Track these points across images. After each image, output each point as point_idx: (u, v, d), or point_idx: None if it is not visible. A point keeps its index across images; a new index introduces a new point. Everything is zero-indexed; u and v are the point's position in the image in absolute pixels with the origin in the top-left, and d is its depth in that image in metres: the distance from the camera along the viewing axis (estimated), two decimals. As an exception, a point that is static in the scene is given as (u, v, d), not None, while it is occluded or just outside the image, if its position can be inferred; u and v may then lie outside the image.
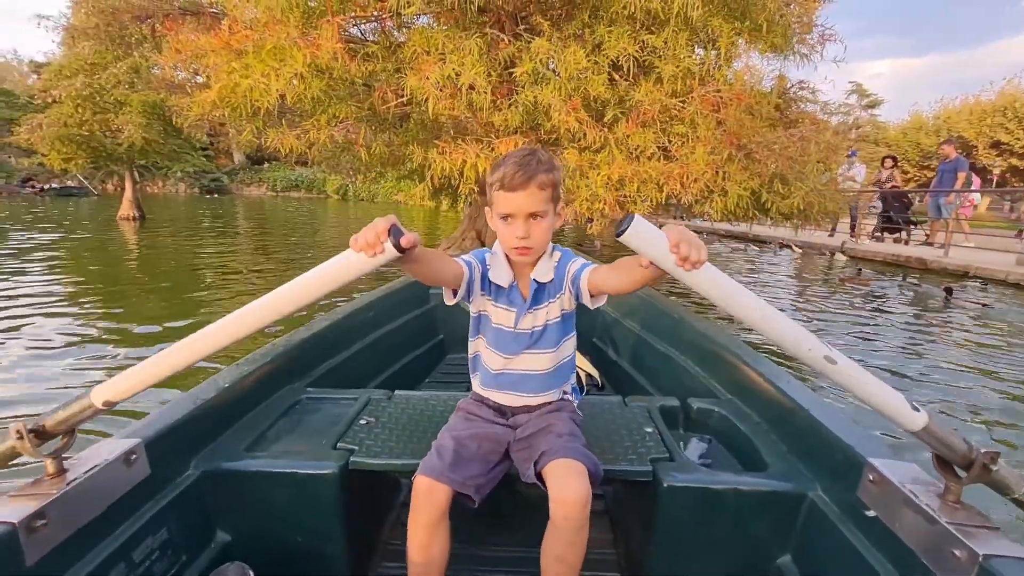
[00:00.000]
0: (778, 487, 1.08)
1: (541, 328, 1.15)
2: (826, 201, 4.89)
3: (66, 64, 11.59)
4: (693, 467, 1.15)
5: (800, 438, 1.18)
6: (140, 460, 0.98)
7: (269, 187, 35.76)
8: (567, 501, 0.95)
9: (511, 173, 1.01)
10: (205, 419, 1.18)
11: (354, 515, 1.21)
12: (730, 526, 1.11)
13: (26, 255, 7.75)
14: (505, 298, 1.15)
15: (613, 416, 1.37)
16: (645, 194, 4.64)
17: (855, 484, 0.96)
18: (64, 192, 27.07)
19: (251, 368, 1.38)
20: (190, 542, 1.09)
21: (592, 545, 1.07)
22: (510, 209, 1.03)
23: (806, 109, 6.69)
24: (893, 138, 27.85)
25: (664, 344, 1.98)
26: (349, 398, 1.45)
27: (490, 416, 1.19)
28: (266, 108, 3.59)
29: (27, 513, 0.75)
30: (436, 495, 1.00)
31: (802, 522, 1.07)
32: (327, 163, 6.36)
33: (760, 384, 1.38)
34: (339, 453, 1.15)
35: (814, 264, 9.66)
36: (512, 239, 1.05)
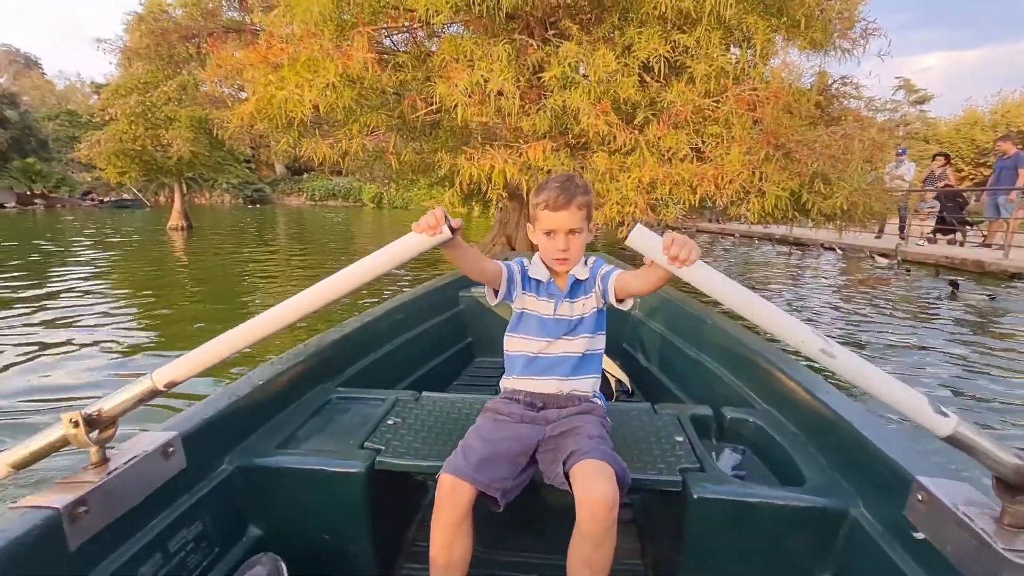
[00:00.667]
0: (817, 502, 1.03)
1: (578, 318, 1.28)
2: (872, 201, 4.65)
3: (122, 84, 12.29)
4: (725, 478, 1.11)
5: (841, 451, 1.13)
6: (177, 453, 1.00)
7: (308, 196, 36.95)
8: (593, 502, 0.95)
9: (555, 196, 1.17)
10: (239, 416, 1.21)
11: (380, 515, 1.21)
12: (765, 542, 1.06)
13: (87, 261, 8.34)
14: (544, 291, 1.29)
15: (642, 423, 1.34)
16: (678, 196, 4.52)
17: (901, 503, 0.90)
18: (120, 204, 28.74)
19: (284, 367, 1.41)
20: (223, 535, 1.11)
21: (619, 555, 1.06)
22: (553, 226, 1.20)
23: (849, 106, 6.40)
24: (945, 135, 26.50)
25: (696, 350, 1.93)
26: (378, 398, 1.47)
27: (519, 412, 1.22)
28: (300, 118, 3.70)
29: (70, 500, 0.78)
30: (459, 494, 1.01)
31: (843, 541, 1.01)
32: (361, 172, 6.51)
33: (798, 394, 1.32)
34: (366, 453, 1.17)
35: (856, 267, 9.22)
36: (554, 251, 1.22)
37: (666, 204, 4.66)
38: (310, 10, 3.74)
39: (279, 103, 3.67)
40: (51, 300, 5.30)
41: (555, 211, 1.18)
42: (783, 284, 7.40)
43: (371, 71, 3.62)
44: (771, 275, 8.35)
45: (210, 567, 1.06)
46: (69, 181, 29.31)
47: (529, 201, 1.25)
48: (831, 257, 10.62)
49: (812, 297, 6.29)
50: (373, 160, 5.79)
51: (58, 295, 5.54)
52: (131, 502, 0.90)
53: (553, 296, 1.29)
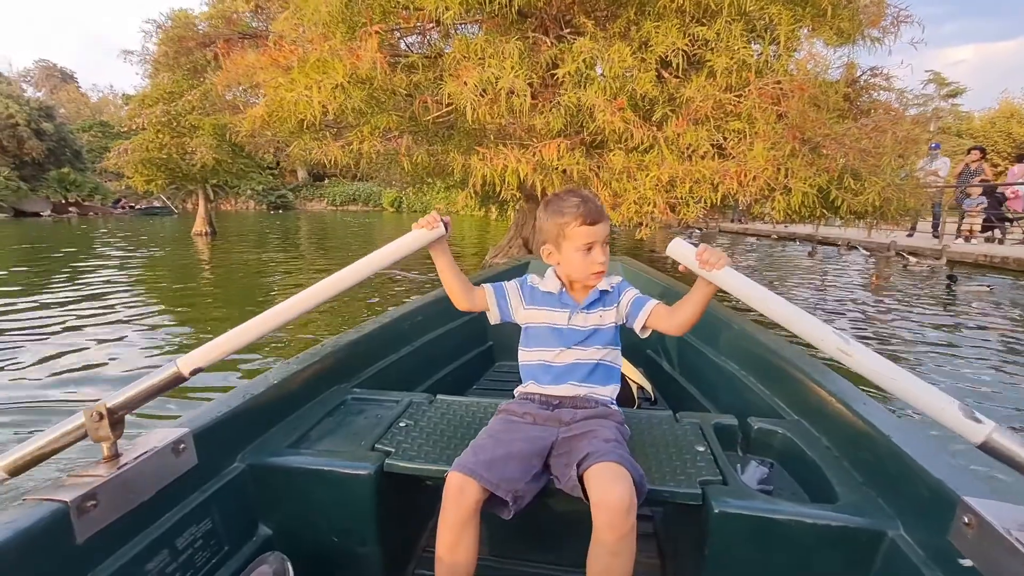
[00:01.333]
0: (851, 522, 0.95)
1: (591, 329, 1.26)
2: (906, 197, 4.40)
3: (148, 94, 12.61)
4: (749, 493, 1.04)
5: (879, 468, 1.04)
6: (188, 450, 1.00)
7: (329, 201, 37.49)
8: (610, 506, 0.92)
9: (591, 209, 1.18)
10: (253, 414, 1.21)
11: (389, 518, 1.20)
12: (792, 563, 0.98)
13: (116, 264, 8.61)
14: (557, 302, 1.28)
15: (663, 432, 1.28)
16: (698, 194, 4.36)
17: (946, 526, 0.82)
18: (150, 211, 29.57)
19: (299, 367, 1.40)
20: (232, 533, 1.10)
21: (638, 569, 1.04)
22: (593, 238, 1.19)
23: (879, 98, 6.12)
24: (979, 129, 25.52)
25: (722, 358, 1.84)
26: (392, 400, 1.45)
27: (533, 413, 1.20)
28: (310, 120, 3.66)
29: (79, 493, 0.78)
30: (467, 493, 0.98)
31: (880, 565, 0.93)
32: (378, 176, 6.50)
33: (832, 405, 1.23)
34: (376, 455, 1.15)
35: (886, 268, 8.85)
36: (594, 266, 1.20)
37: (686, 203, 4.50)
38: (319, 10, 3.71)
39: (288, 105, 3.64)
40: (77, 302, 5.58)
41: (594, 224, 1.18)
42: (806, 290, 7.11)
43: (380, 70, 3.56)
44: (783, 276, 8.06)
45: (219, 565, 1.05)
46: (102, 189, 30.29)
47: (544, 224, 1.24)
48: (856, 257, 10.23)
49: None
50: (388, 164, 5.76)
51: (83, 296, 5.81)
52: (140, 497, 0.90)
53: (567, 307, 1.27)
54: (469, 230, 18.13)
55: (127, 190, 25.19)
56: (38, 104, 29.82)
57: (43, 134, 28.30)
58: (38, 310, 5.19)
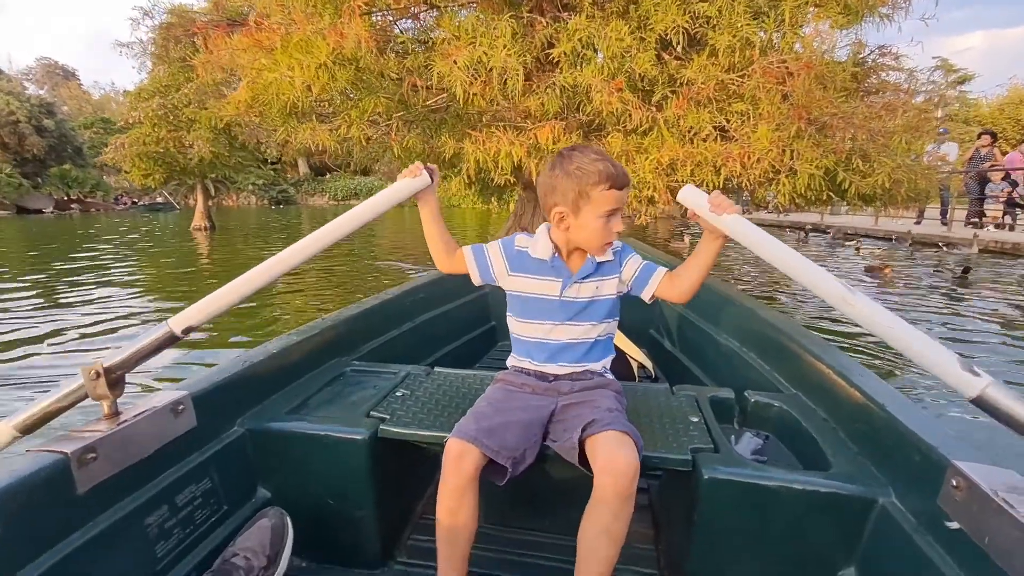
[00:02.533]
0: (842, 489, 0.96)
1: (587, 300, 1.19)
2: (917, 178, 4.22)
3: (144, 87, 12.51)
4: (740, 460, 1.05)
5: (873, 437, 1.06)
6: (187, 412, 1.04)
7: (330, 196, 37.36)
8: (618, 471, 0.93)
9: (619, 172, 1.08)
10: (252, 382, 1.24)
11: (385, 484, 1.22)
12: (783, 530, 0.99)
13: (115, 258, 8.71)
14: (548, 270, 1.19)
15: (658, 404, 1.29)
16: (700, 178, 4.19)
17: (936, 490, 0.84)
18: (152, 207, 29.57)
19: (299, 339, 1.43)
20: (232, 494, 1.14)
21: (632, 539, 1.09)
22: (618, 203, 1.10)
23: (887, 79, 5.90)
24: (987, 115, 25.15)
25: (724, 335, 1.85)
26: (390, 372, 1.48)
27: (531, 383, 1.19)
28: (292, 102, 3.53)
29: (79, 446, 0.82)
30: (466, 460, 0.99)
31: (871, 531, 0.94)
32: (379, 169, 6.34)
33: (829, 377, 1.25)
34: (371, 421, 1.17)
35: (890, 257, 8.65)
36: (611, 235, 1.12)
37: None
38: (304, -12, 3.56)
39: (271, 88, 3.51)
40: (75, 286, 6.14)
41: (621, 189, 1.09)
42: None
43: (366, 50, 3.41)
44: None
45: (218, 523, 1.09)
46: (103, 186, 30.30)
47: (560, 184, 1.10)
48: (817, 239, 10.04)
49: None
50: (381, 152, 5.62)
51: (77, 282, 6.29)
52: (140, 454, 0.93)
53: (560, 276, 1.19)
54: (471, 221, 18.00)
55: (128, 186, 25.16)
56: (39, 101, 29.77)
57: (44, 131, 28.28)
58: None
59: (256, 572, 0.98)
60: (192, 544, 1.03)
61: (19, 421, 0.87)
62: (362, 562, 1.23)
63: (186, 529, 1.01)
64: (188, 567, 1.00)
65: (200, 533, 1.05)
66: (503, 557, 1.27)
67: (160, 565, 0.95)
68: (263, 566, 1.00)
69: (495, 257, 1.24)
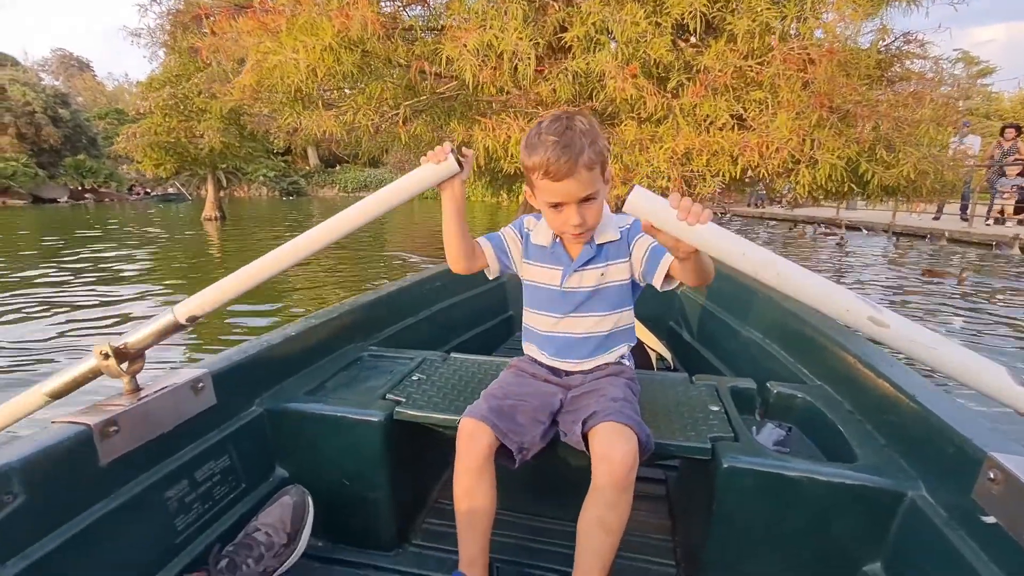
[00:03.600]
0: (869, 481, 0.92)
1: (591, 289, 1.10)
2: (944, 170, 4.06)
3: (155, 77, 12.52)
4: (761, 450, 1.01)
5: (902, 429, 1.01)
6: (207, 390, 1.06)
7: (341, 188, 37.39)
8: (613, 460, 0.90)
9: (554, 159, 0.92)
10: (271, 363, 1.26)
11: (400, 466, 1.22)
12: (805, 522, 0.96)
13: (129, 246, 8.76)
14: (549, 257, 1.12)
15: (676, 393, 1.26)
16: (716, 168, 4.07)
17: (970, 484, 0.79)
18: (165, 198, 29.83)
19: (318, 323, 1.44)
20: (250, 472, 1.15)
21: (649, 530, 1.12)
22: (559, 198, 0.97)
23: (912, 67, 5.69)
24: (1009, 110, 24.52)
25: (746, 326, 1.82)
26: (407, 358, 1.48)
27: (542, 375, 1.16)
28: (297, 86, 3.45)
29: (102, 419, 0.85)
30: (478, 439, 0.98)
31: (899, 526, 0.90)
32: (388, 161, 6.26)
33: (856, 368, 1.20)
34: (386, 403, 1.18)
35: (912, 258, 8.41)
36: (566, 226, 1.01)
37: (703, 177, 4.20)
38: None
39: (273, 69, 3.43)
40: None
41: (557, 180, 0.94)
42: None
43: (371, 31, 3.32)
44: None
45: (236, 500, 1.11)
46: (117, 176, 30.57)
47: (521, 160, 1.01)
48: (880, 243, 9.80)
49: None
50: (390, 142, 5.54)
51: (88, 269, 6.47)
52: (160, 429, 0.95)
53: (560, 263, 1.11)
54: (480, 215, 17.93)
55: (140, 176, 25.37)
56: (54, 92, 30.08)
57: (59, 121, 28.57)
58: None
59: (276, 548, 1.00)
60: (212, 519, 1.05)
61: (50, 388, 0.92)
62: (377, 543, 1.24)
63: (205, 504, 1.03)
64: (207, 541, 1.02)
65: (219, 509, 1.07)
66: (520, 544, 1.27)
67: (180, 538, 0.97)
68: (283, 543, 1.01)
69: (512, 242, 1.17)
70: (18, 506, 0.73)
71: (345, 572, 1.18)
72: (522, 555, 1.23)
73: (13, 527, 0.72)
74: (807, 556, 0.99)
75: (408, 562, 1.22)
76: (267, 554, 0.98)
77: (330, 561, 1.20)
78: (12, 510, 0.72)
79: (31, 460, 0.75)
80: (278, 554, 1.00)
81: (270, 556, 0.98)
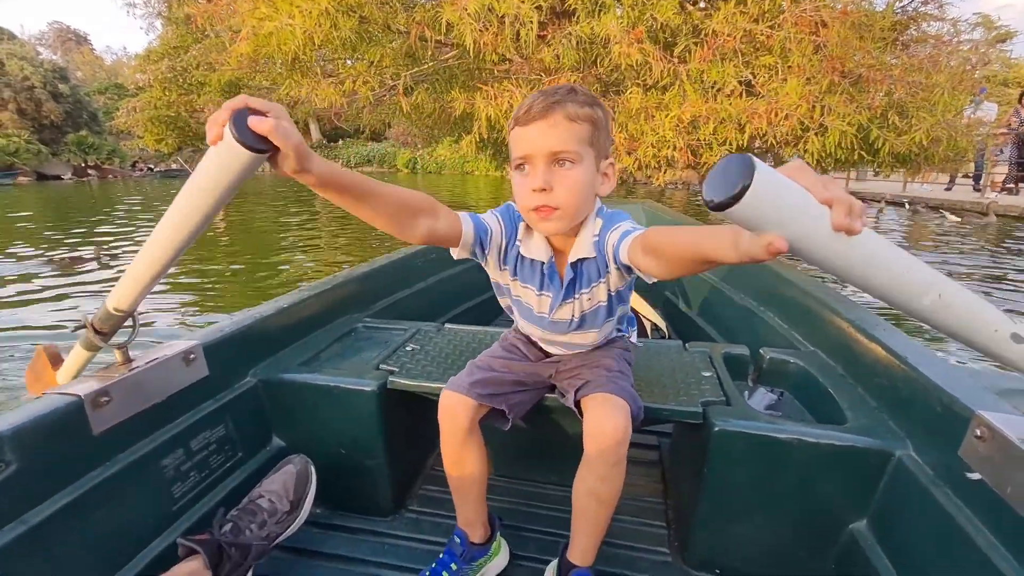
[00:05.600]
0: (857, 442, 0.93)
1: (580, 317, 0.98)
2: (958, 136, 3.95)
3: (153, 50, 12.36)
4: (752, 413, 1.02)
5: (893, 391, 1.01)
6: (199, 361, 1.07)
7: (344, 162, 37.05)
8: (604, 434, 0.88)
9: (529, 103, 0.79)
10: (264, 334, 1.26)
11: (395, 434, 1.24)
12: (794, 483, 0.98)
13: (130, 220, 8.70)
14: (539, 279, 0.96)
15: (670, 360, 1.26)
16: (723, 136, 3.98)
17: (957, 441, 0.80)
18: (168, 174, 29.67)
19: (311, 294, 1.44)
20: (246, 441, 1.17)
21: (641, 492, 1.14)
22: (526, 149, 0.80)
23: (928, 29, 5.49)
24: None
25: (740, 293, 1.82)
26: (400, 328, 1.49)
27: (535, 353, 1.13)
28: (295, 53, 3.38)
29: (93, 389, 0.85)
30: (460, 411, 0.97)
31: (885, 484, 0.93)
32: (391, 134, 6.14)
33: (849, 333, 1.20)
34: (380, 373, 1.19)
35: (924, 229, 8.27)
36: (526, 194, 0.81)
37: (709, 146, 4.12)
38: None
39: (269, 36, 3.36)
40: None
41: (527, 124, 0.78)
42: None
43: (370, -5, 3.23)
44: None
45: (234, 468, 1.13)
46: (120, 152, 30.42)
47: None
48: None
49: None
50: (391, 114, 5.45)
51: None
52: (153, 399, 0.97)
53: (552, 289, 0.94)
54: (484, 191, 17.75)
55: (144, 152, 25.23)
56: (52, 66, 29.68)
57: (59, 96, 28.28)
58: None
59: (279, 515, 1.02)
60: (209, 486, 1.07)
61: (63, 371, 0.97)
62: (374, 510, 1.27)
63: (202, 473, 1.05)
64: (206, 507, 1.04)
65: (216, 477, 1.09)
66: (515, 508, 1.29)
67: (177, 505, 1.00)
68: (286, 510, 1.04)
69: (494, 238, 0.93)
70: (11, 474, 0.74)
71: (344, 538, 1.21)
72: (520, 519, 1.25)
73: (6, 494, 0.74)
74: (795, 516, 1.01)
75: (405, 527, 1.25)
76: (270, 520, 1.00)
77: (329, 527, 1.23)
78: (4, 478, 0.73)
79: (22, 429, 0.76)
80: (280, 521, 1.02)
81: (272, 522, 1.00)
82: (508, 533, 1.19)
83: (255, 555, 0.94)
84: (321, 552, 1.17)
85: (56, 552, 0.78)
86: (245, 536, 0.95)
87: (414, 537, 1.22)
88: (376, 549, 1.18)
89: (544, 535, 1.21)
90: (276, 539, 1.01)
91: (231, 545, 0.90)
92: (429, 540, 1.21)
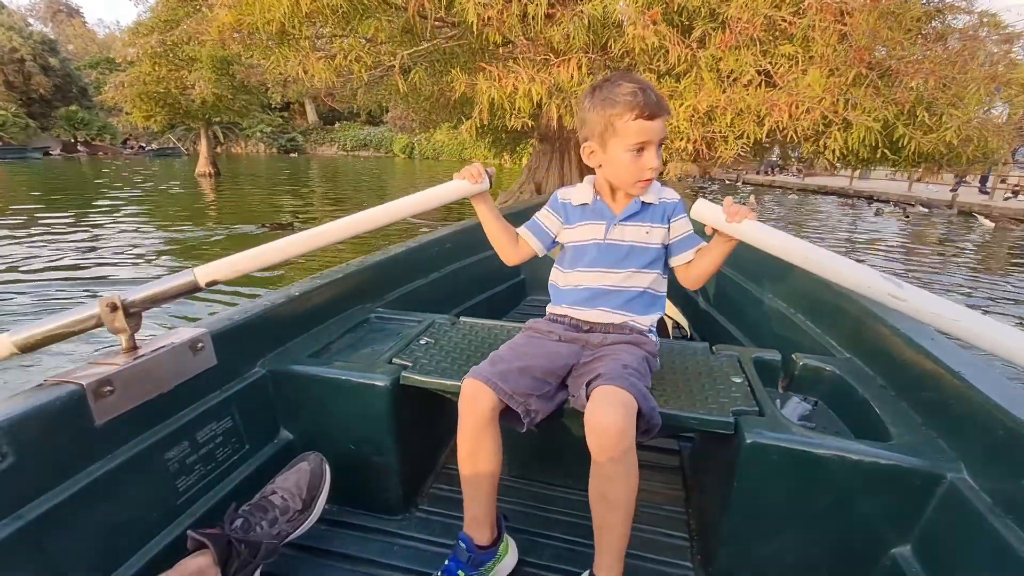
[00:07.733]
0: (904, 461, 0.87)
1: (630, 245, 1.12)
2: (989, 136, 3.73)
3: (143, 23, 11.86)
4: (787, 425, 0.96)
5: (942, 407, 0.95)
6: (207, 350, 1.03)
7: (340, 146, 36.52)
8: (601, 428, 0.88)
9: (650, 100, 0.98)
10: (274, 324, 1.23)
11: (407, 431, 1.21)
12: (831, 501, 0.93)
13: (122, 198, 8.49)
14: (591, 214, 1.15)
15: (696, 363, 1.21)
16: (740, 128, 3.74)
17: (1020, 468, 0.74)
18: (161, 152, 29.18)
19: (323, 283, 1.41)
20: (254, 433, 1.14)
21: (661, 500, 1.15)
22: (648, 137, 1.01)
23: (953, 23, 5.24)
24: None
25: (768, 294, 1.73)
26: (414, 320, 1.45)
27: (560, 333, 1.14)
28: (280, 22, 3.09)
29: (95, 378, 0.82)
30: (480, 401, 0.97)
31: (934, 509, 0.86)
32: (388, 119, 5.86)
33: (889, 340, 1.13)
34: (393, 367, 1.15)
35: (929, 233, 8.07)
36: (643, 171, 1.04)
37: (725, 139, 3.87)
38: None
39: (253, 2, 3.06)
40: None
41: (652, 119, 0.99)
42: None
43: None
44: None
45: (241, 462, 1.10)
46: (110, 129, 29.77)
47: (588, 116, 1.04)
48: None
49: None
50: (387, 95, 5.16)
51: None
52: (158, 390, 0.93)
53: (603, 218, 1.13)
54: (482, 177, 17.52)
55: (134, 129, 24.70)
56: (41, 38, 28.92)
57: (49, 70, 27.59)
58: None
59: (291, 514, 1.00)
60: (215, 480, 1.03)
61: (20, 338, 0.86)
62: (384, 507, 1.24)
63: (208, 465, 1.02)
64: (212, 501, 1.00)
65: (223, 470, 1.06)
66: (526, 511, 1.26)
67: (182, 498, 0.96)
68: (298, 509, 1.02)
69: (547, 219, 1.20)
70: (7, 467, 0.71)
71: (352, 536, 1.18)
72: (533, 523, 1.22)
73: (2, 488, 0.70)
74: (831, 536, 0.96)
75: (415, 526, 1.22)
76: (281, 518, 0.98)
77: (338, 524, 1.20)
78: (1, 471, 0.70)
79: (19, 421, 0.73)
80: (292, 519, 1.00)
81: (284, 520, 0.98)
82: (520, 538, 1.15)
83: (264, 554, 0.90)
84: (329, 551, 1.13)
85: (56, 546, 0.75)
86: (256, 533, 0.92)
87: (424, 537, 1.18)
88: (385, 549, 1.14)
89: (559, 542, 1.17)
90: (286, 538, 0.99)
91: (241, 542, 0.87)
92: (440, 541, 1.17)
